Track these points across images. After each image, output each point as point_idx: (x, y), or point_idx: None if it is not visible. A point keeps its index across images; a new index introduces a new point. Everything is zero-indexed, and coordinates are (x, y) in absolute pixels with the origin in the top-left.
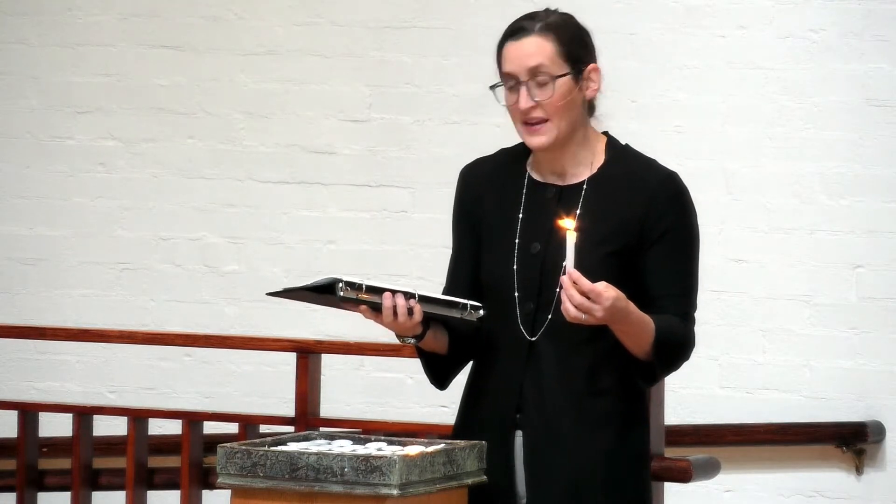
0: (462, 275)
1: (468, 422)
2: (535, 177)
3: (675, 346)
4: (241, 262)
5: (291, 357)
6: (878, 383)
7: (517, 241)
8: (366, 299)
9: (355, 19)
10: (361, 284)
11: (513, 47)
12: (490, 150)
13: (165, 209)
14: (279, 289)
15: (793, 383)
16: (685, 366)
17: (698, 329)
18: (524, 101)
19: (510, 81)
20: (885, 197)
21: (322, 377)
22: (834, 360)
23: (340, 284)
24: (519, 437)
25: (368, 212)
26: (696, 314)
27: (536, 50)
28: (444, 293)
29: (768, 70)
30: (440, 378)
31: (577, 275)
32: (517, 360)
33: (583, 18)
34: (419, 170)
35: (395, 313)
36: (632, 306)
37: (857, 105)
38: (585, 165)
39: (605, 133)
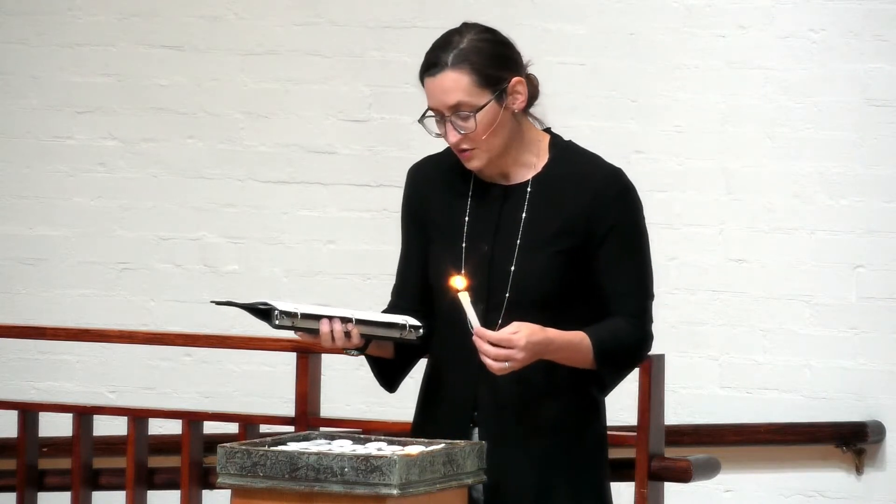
0: (411, 274)
1: (427, 417)
2: (481, 177)
3: (621, 353)
4: (241, 262)
5: (291, 357)
6: (878, 383)
7: (464, 244)
8: (302, 326)
9: (355, 19)
10: (296, 313)
11: (430, 83)
12: None
13: (165, 209)
14: (228, 299)
15: (793, 383)
16: (685, 366)
17: (698, 329)
18: (451, 137)
19: (436, 114)
20: (885, 197)
21: (322, 377)
22: (834, 360)
23: (276, 313)
24: (476, 434)
25: (368, 212)
26: (695, 314)
27: (453, 86)
28: (393, 292)
29: (768, 70)
30: (389, 381)
31: (482, 330)
32: (471, 362)
33: (583, 19)
34: None
35: (332, 338)
36: (552, 333)
37: (857, 105)
38: (528, 166)
39: (548, 130)
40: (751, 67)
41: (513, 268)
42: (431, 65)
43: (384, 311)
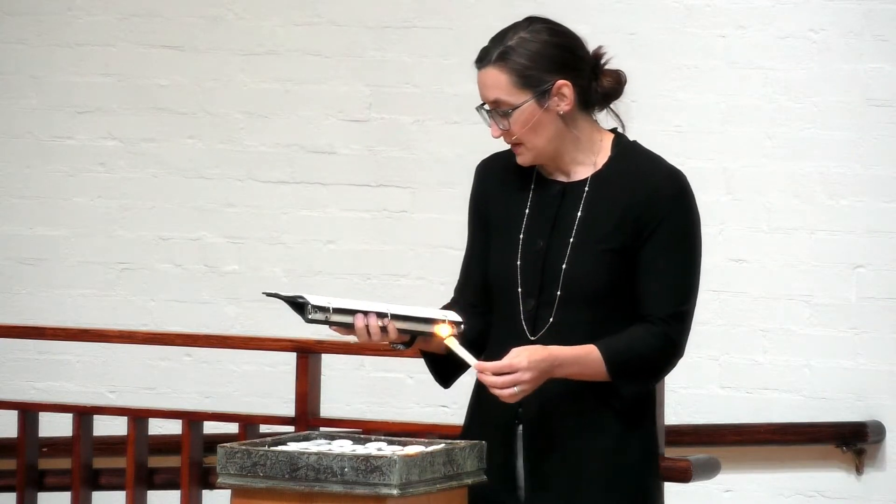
0: (473, 272)
1: (475, 419)
2: (543, 173)
3: (638, 364)
4: (241, 262)
5: (291, 357)
6: (878, 383)
7: (521, 236)
8: (335, 321)
9: (355, 19)
10: (329, 307)
11: (478, 75)
12: (490, 150)
13: (165, 209)
14: (273, 290)
15: (793, 383)
16: (685, 366)
17: (698, 329)
18: (493, 130)
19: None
20: (885, 197)
21: (322, 377)
22: (834, 360)
23: (309, 307)
24: (520, 433)
25: (368, 212)
26: (696, 314)
27: (492, 83)
28: (455, 289)
29: (768, 70)
30: (443, 377)
31: (481, 364)
32: None
33: (583, 19)
34: (419, 170)
35: (368, 332)
36: (555, 350)
37: (857, 105)
38: (587, 164)
39: (614, 130)
40: (751, 67)
41: (564, 265)
42: (480, 57)
43: (443, 308)
